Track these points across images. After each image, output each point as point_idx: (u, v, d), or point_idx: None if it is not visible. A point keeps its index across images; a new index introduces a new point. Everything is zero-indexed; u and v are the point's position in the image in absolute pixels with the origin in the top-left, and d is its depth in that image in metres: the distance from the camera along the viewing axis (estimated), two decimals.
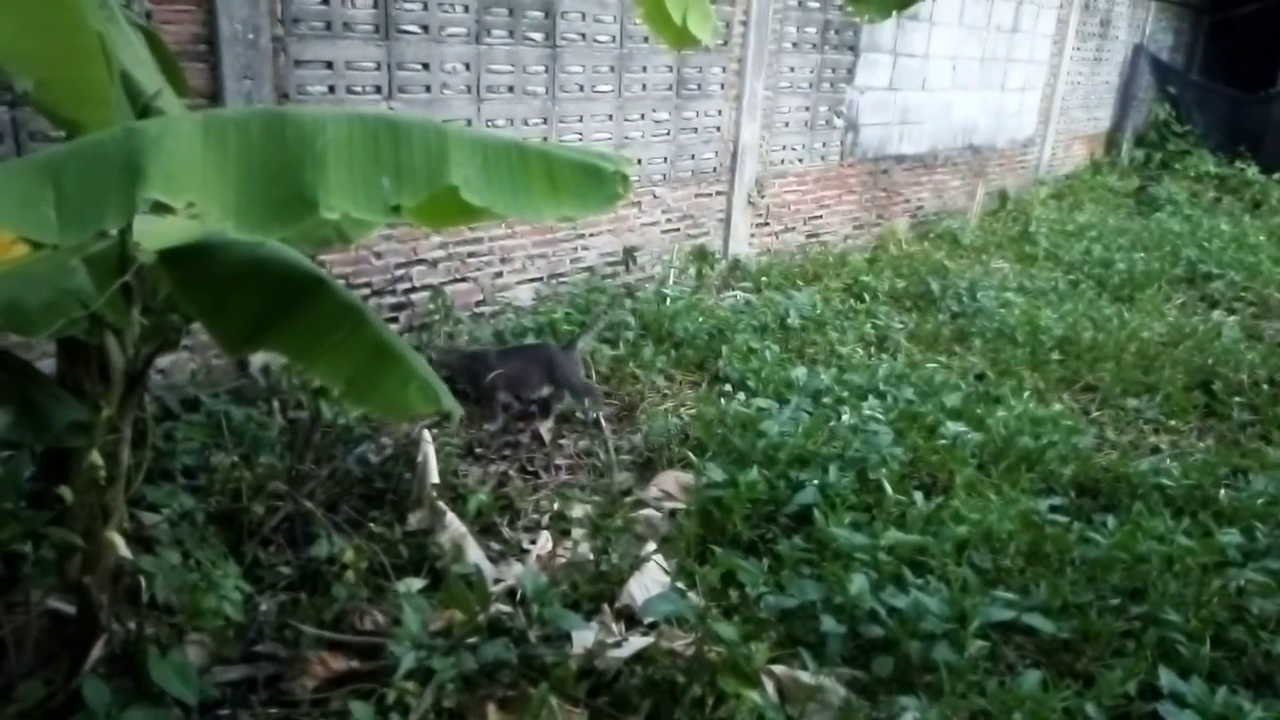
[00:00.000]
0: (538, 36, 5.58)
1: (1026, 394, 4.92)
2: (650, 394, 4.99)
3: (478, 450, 4.44)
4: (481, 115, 5.39)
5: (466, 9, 5.18)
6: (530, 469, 4.25)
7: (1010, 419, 4.39)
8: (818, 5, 7.53)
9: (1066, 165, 12.22)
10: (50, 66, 1.88)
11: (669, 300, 5.95)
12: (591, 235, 6.33)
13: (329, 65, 4.68)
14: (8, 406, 2.31)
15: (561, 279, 6.15)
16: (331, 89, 4.70)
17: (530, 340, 5.27)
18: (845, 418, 4.13)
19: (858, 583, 2.81)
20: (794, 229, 8.04)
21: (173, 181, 1.28)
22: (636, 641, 2.71)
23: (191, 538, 3.02)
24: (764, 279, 6.99)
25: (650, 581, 3.06)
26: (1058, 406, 4.86)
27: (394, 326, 5.14)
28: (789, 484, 3.68)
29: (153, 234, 1.68)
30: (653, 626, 2.88)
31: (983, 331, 6.09)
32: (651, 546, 3.29)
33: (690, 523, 3.52)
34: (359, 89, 4.81)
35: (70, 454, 2.54)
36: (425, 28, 5.02)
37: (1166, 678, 2.73)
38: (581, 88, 5.91)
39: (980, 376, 5.34)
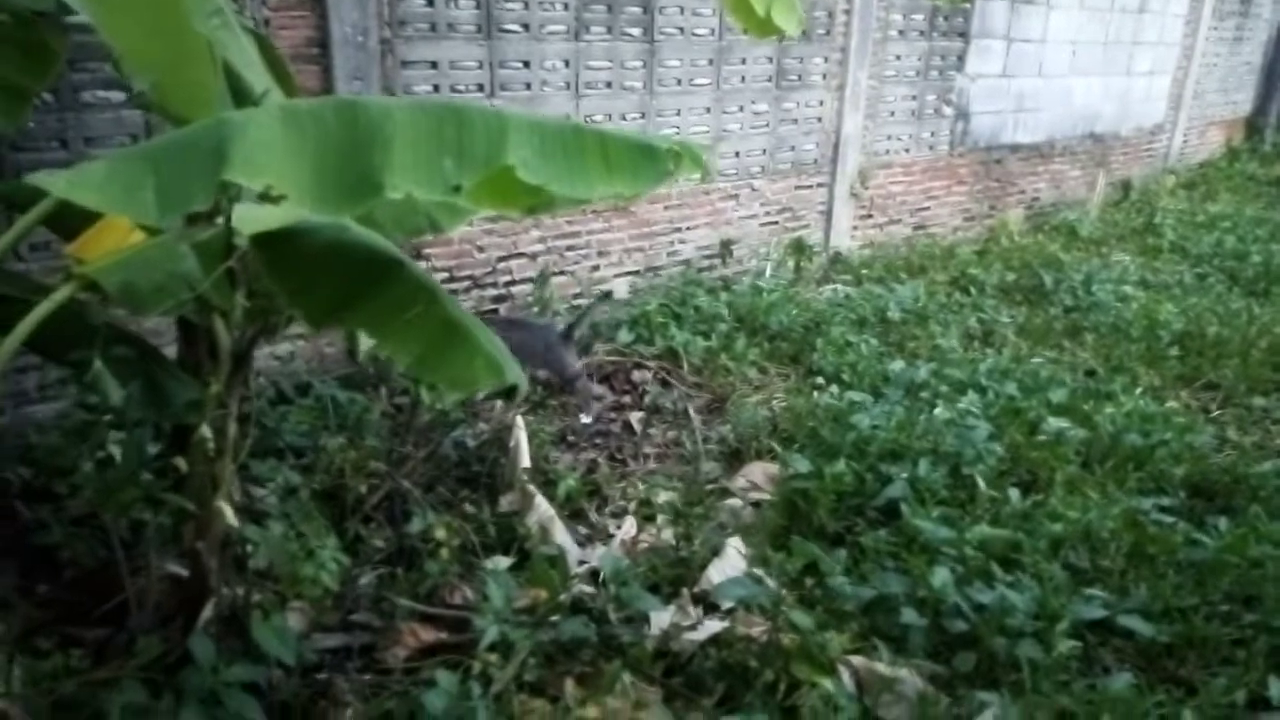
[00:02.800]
0: (635, 32, 5.64)
1: (1139, 391, 4.68)
2: (742, 386, 4.99)
3: (570, 438, 4.54)
4: (580, 111, 5.50)
5: (566, 7, 5.29)
6: (619, 457, 4.32)
7: (1119, 416, 4.19)
8: None
9: (1200, 153, 11.51)
10: (165, 68, 2.04)
11: (764, 293, 5.92)
12: (688, 229, 6.36)
13: (433, 65, 4.86)
14: (137, 383, 2.52)
15: (657, 272, 6.20)
16: (436, 88, 4.88)
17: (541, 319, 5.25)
18: (939, 411, 4.03)
19: (941, 576, 2.76)
20: (899, 221, 7.86)
21: (252, 165, 1.39)
22: (711, 625, 2.74)
23: (297, 512, 3.21)
24: (865, 272, 6.87)
25: (729, 568, 3.08)
26: (1173, 404, 4.61)
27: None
28: (878, 477, 3.63)
29: (251, 221, 1.81)
30: (729, 612, 2.90)
31: (1096, 326, 5.82)
32: (734, 534, 3.30)
33: (774, 513, 3.51)
34: (462, 88, 4.98)
35: (188, 430, 2.75)
36: (526, 26, 5.15)
37: (1278, 688, 2.58)
38: (679, 81, 5.95)
39: (1091, 373, 5.11)
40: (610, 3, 5.47)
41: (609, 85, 5.61)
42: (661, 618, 2.85)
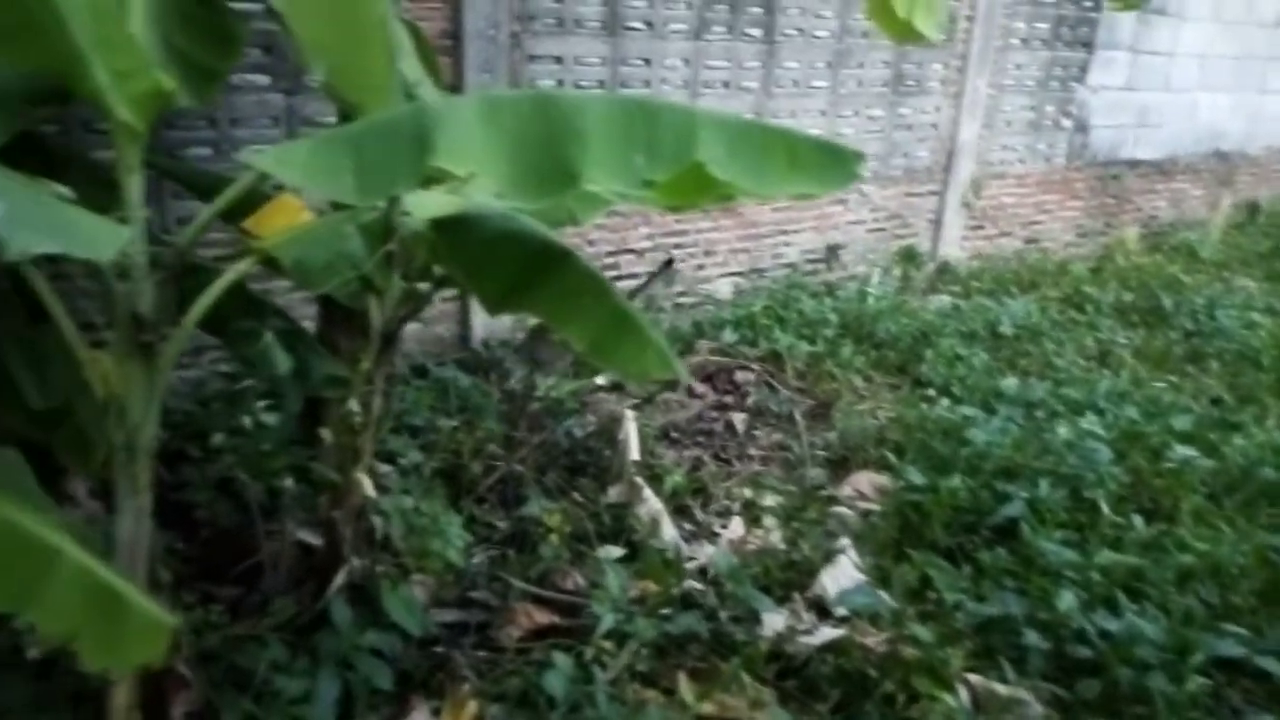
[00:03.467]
0: (756, 32, 5.63)
1: (1270, 423, 4.47)
2: (846, 393, 4.94)
3: (673, 434, 4.56)
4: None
5: (689, 5, 5.31)
6: (723, 456, 4.33)
7: (1250, 448, 4.01)
8: (1053, 0, 7.13)
9: None
10: (342, 55, 2.12)
11: (871, 300, 5.85)
12: (795, 231, 6.33)
13: (558, 60, 4.94)
14: (287, 358, 2.63)
15: (762, 274, 6.18)
16: (560, 83, 4.96)
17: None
18: (1062, 432, 3.92)
19: (1066, 600, 2.69)
20: (1010, 233, 7.66)
21: (456, 153, 1.44)
22: (828, 631, 2.73)
23: (417, 489, 3.31)
24: (974, 284, 6.72)
25: (842, 576, 3.06)
26: None
27: None
28: (993, 495, 3.55)
29: (422, 205, 1.88)
30: (842, 620, 2.88)
31: (1220, 353, 5.58)
32: (845, 542, 3.28)
33: (886, 524, 3.48)
34: (585, 83, 5.05)
35: (321, 403, 2.87)
36: (649, 24, 5.20)
37: None
38: (796, 83, 5.91)
39: (1216, 401, 4.90)
40: (733, 2, 5.47)
41: (726, 85, 5.61)
42: (774, 619, 2.85)
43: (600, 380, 4.63)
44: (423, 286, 2.44)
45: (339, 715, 2.34)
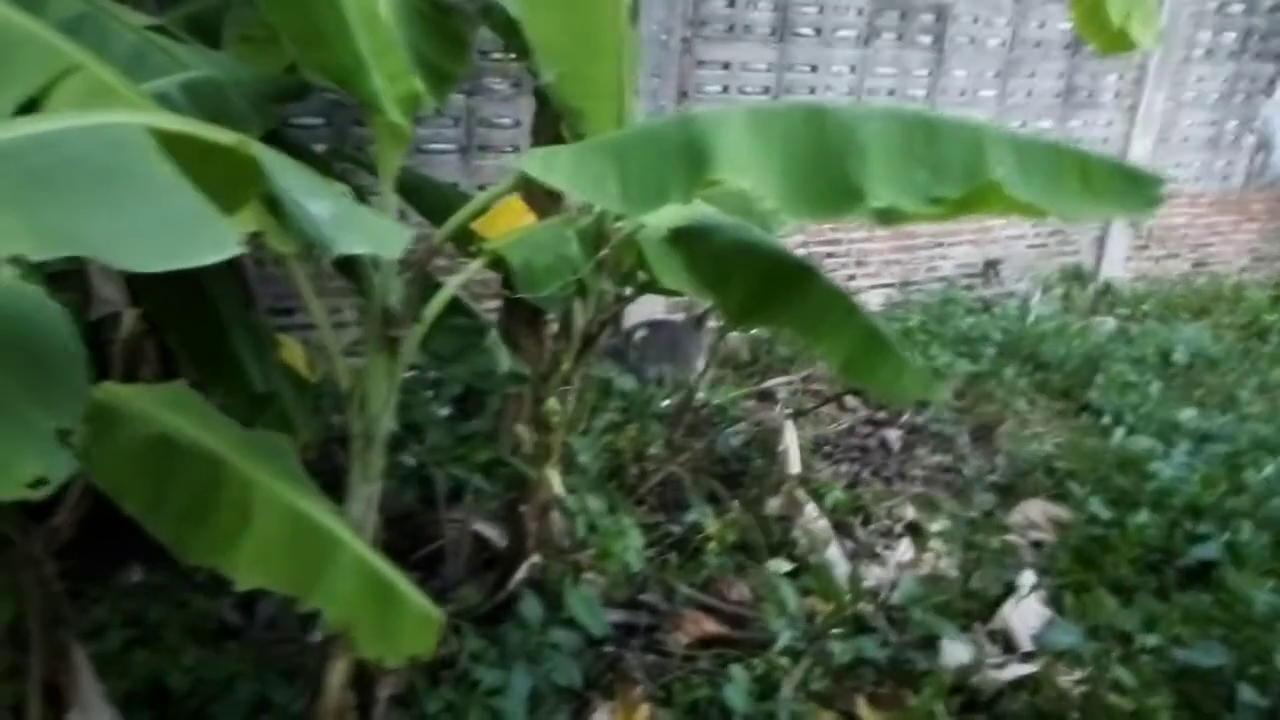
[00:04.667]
0: (925, 40, 5.49)
1: None
2: (1010, 416, 4.74)
3: (825, 448, 4.48)
4: None
5: (860, 12, 5.21)
6: (882, 474, 4.22)
7: None
8: (1242, 8, 6.69)
9: None
10: (574, 61, 2.16)
11: (1032, 319, 5.61)
12: (952, 244, 6.14)
13: (726, 66, 4.93)
14: (473, 357, 2.70)
15: (915, 287, 6.02)
16: (725, 88, 4.94)
17: None
18: (1268, 470, 3.66)
19: None
20: (1178, 255, 7.23)
21: (735, 166, 1.44)
22: (1019, 667, 2.61)
23: (583, 488, 3.34)
24: (1144, 307, 6.37)
25: (1028, 610, 2.93)
26: None
27: None
28: (1184, 535, 3.35)
29: (656, 214, 1.88)
30: (1028, 655, 2.76)
31: None
32: (1029, 574, 3.14)
33: (1065, 557, 3.32)
34: (749, 89, 5.02)
35: (482, 395, 2.91)
36: (818, 30, 5.13)
37: None
38: (963, 93, 5.74)
39: None
40: (905, 9, 5.35)
41: (892, 93, 5.49)
42: (954, 649, 2.75)
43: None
44: (625, 292, 2.46)
45: (528, 710, 2.38)
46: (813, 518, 3.53)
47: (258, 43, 2.76)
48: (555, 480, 2.63)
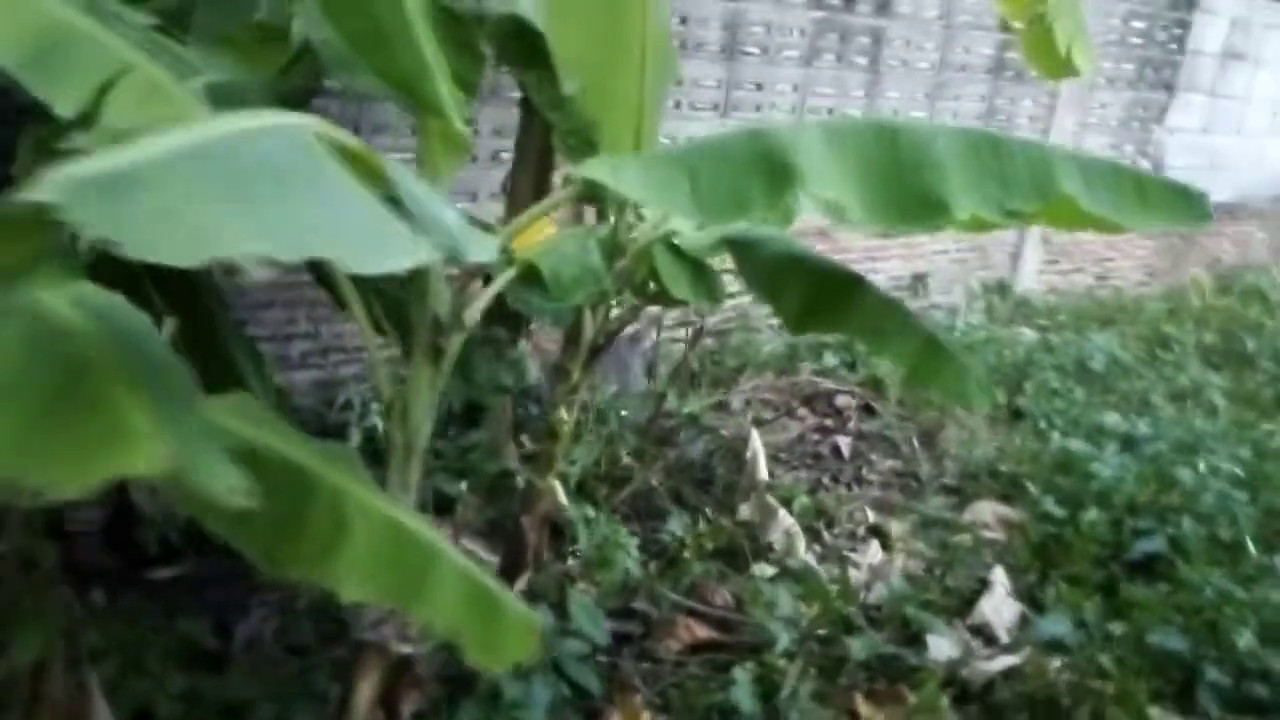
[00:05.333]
0: (862, 61, 5.71)
1: None
2: (949, 422, 4.96)
3: (780, 455, 4.59)
4: None
5: (803, 32, 5.39)
6: (841, 480, 4.36)
7: None
8: (1140, 42, 7.21)
9: None
10: (597, 74, 2.19)
11: (963, 330, 5.89)
12: (881, 259, 6.37)
13: (678, 82, 5.00)
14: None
15: None
16: (677, 104, 5.02)
17: None
18: (1184, 471, 3.95)
19: (1245, 637, 2.71)
20: (1082, 269, 7.71)
21: (820, 180, 1.49)
22: (1006, 659, 2.75)
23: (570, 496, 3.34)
24: (1057, 318, 6.76)
25: (1001, 604, 3.09)
26: None
27: None
28: (1128, 530, 3.59)
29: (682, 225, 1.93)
30: (1008, 647, 2.91)
31: None
32: (998, 571, 3.30)
33: (1025, 553, 3.51)
34: (699, 104, 5.12)
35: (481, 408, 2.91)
36: (764, 49, 5.27)
37: None
38: (895, 113, 5.98)
39: None
40: (843, 31, 5.55)
41: (830, 112, 5.67)
42: (940, 644, 2.88)
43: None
44: (636, 304, 2.49)
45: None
46: (786, 523, 3.62)
47: (239, 46, 2.69)
48: (558, 490, 2.64)
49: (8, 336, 0.90)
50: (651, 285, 2.47)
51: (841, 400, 5.19)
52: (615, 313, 2.52)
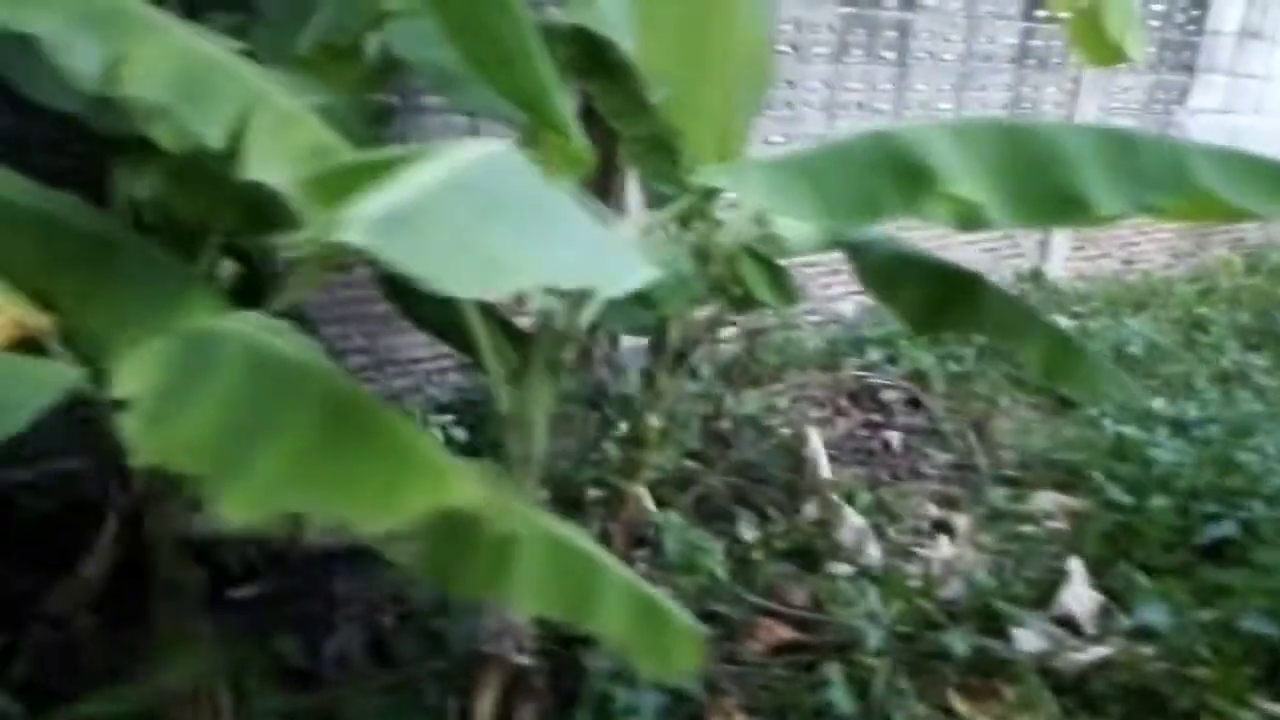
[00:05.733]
0: (890, 55, 5.71)
1: None
2: (997, 413, 4.97)
3: (831, 453, 4.59)
4: (833, 131, 5.59)
5: (831, 29, 5.39)
6: (896, 475, 4.36)
7: None
8: (1158, 24, 7.20)
9: None
10: (680, 82, 2.20)
11: None
12: None
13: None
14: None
15: None
16: None
17: None
18: (1245, 455, 3.94)
19: None
20: (1108, 255, 7.70)
21: (957, 179, 1.50)
22: (1098, 649, 2.75)
23: None
24: (1094, 304, 6.76)
25: (1080, 593, 3.09)
26: None
27: None
28: (1198, 516, 3.58)
29: (787, 228, 1.94)
30: (1097, 637, 2.91)
31: None
32: (1074, 561, 3.30)
33: (1096, 544, 3.50)
34: None
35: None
36: (795, 47, 5.28)
37: None
38: (924, 105, 5.98)
39: None
40: (870, 25, 5.56)
41: (860, 107, 5.69)
42: (1026, 636, 2.88)
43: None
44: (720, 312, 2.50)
45: None
46: (854, 520, 3.62)
47: (311, 65, 2.70)
48: (646, 496, 2.64)
49: (241, 372, 0.90)
50: (734, 289, 2.47)
51: (887, 395, 5.19)
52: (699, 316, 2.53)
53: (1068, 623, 3.00)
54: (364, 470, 0.85)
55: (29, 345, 1.46)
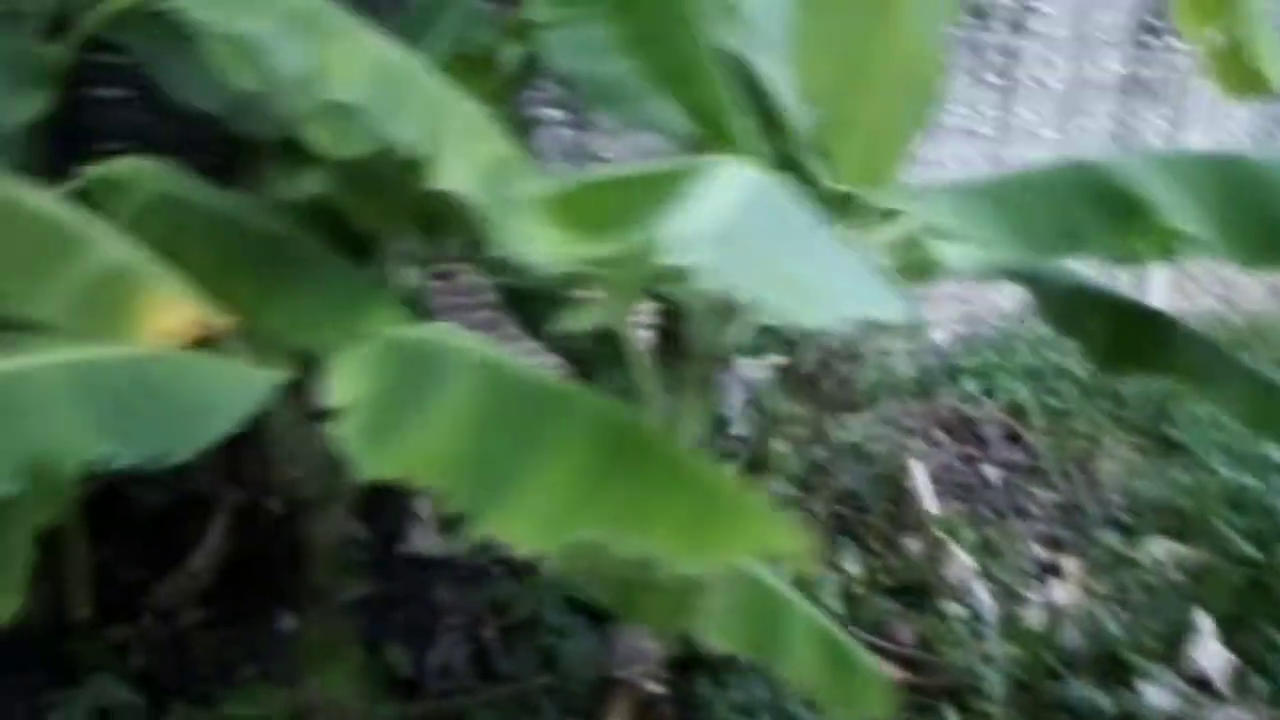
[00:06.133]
0: (995, 80, 5.59)
1: None
2: (1097, 452, 4.79)
3: (933, 486, 4.46)
4: (933, 154, 5.47)
5: None
6: (999, 512, 4.22)
7: None
8: None
9: None
10: (837, 105, 2.13)
11: None
12: (996, 284, 6.21)
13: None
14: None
15: (980, 322, 6.07)
16: None
17: None
18: None
19: None
20: (1208, 293, 7.42)
21: (1173, 213, 1.41)
22: (1236, 713, 2.61)
23: None
24: None
25: (1212, 649, 2.93)
26: None
27: None
28: None
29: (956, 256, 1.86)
30: (1230, 699, 2.75)
31: None
32: (1200, 615, 3.14)
33: (1223, 598, 3.33)
34: None
35: None
36: None
37: None
38: (1027, 131, 5.84)
39: None
40: (975, 48, 5.44)
41: (965, 132, 5.56)
42: (1156, 693, 2.73)
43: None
44: None
45: None
46: (961, 558, 3.50)
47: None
48: None
49: (480, 387, 0.86)
50: None
51: (985, 428, 5.04)
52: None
53: (1199, 682, 2.84)
54: (662, 503, 0.80)
55: (203, 343, 1.45)
